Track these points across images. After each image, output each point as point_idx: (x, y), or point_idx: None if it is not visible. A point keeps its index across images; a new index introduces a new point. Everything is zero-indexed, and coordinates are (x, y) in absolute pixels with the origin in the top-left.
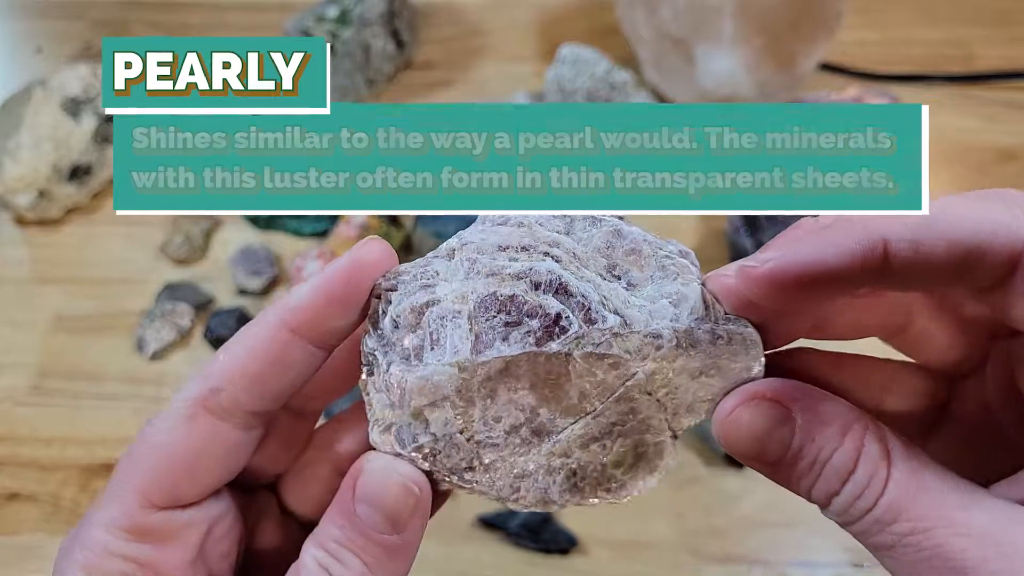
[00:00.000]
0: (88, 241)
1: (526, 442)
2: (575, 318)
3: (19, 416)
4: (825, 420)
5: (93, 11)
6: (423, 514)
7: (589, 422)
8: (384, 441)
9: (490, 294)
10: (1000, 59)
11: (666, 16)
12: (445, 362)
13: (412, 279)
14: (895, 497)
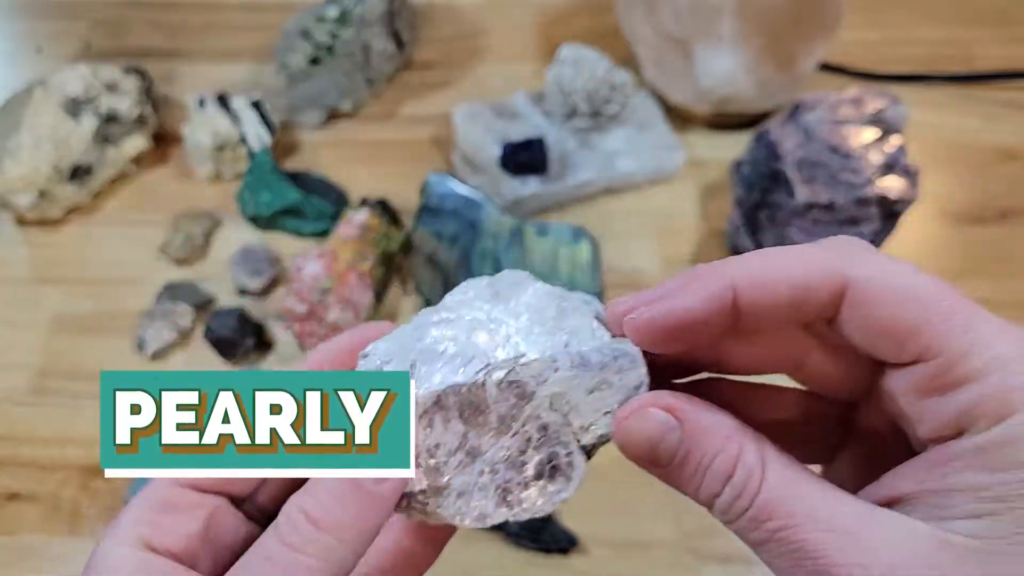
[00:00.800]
0: (88, 241)
1: (461, 464)
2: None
3: (19, 416)
4: (708, 428)
5: (93, 11)
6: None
7: (508, 441)
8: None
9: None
10: (1000, 59)
11: (666, 16)
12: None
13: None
14: (768, 498)
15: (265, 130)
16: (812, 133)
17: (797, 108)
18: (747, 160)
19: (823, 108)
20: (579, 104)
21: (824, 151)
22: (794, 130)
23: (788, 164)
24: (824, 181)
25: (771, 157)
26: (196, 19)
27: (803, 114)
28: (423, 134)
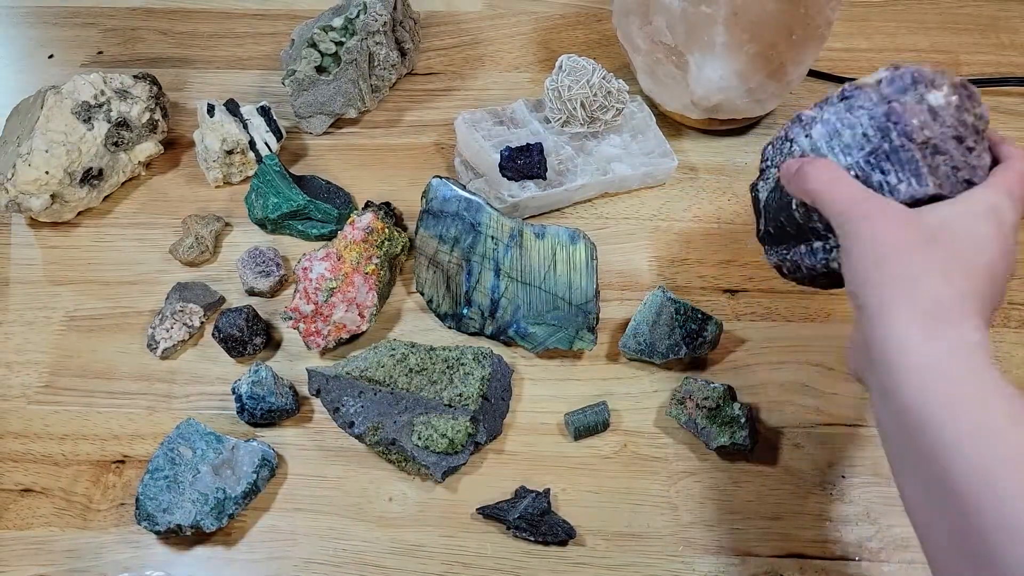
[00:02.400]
0: (100, 243)
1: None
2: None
3: (32, 413)
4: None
5: (105, 19)
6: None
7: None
8: None
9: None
10: (986, 65)
11: (660, 25)
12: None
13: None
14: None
15: (272, 136)
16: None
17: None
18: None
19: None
20: (576, 111)
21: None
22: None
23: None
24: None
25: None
26: (205, 28)
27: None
28: (425, 140)
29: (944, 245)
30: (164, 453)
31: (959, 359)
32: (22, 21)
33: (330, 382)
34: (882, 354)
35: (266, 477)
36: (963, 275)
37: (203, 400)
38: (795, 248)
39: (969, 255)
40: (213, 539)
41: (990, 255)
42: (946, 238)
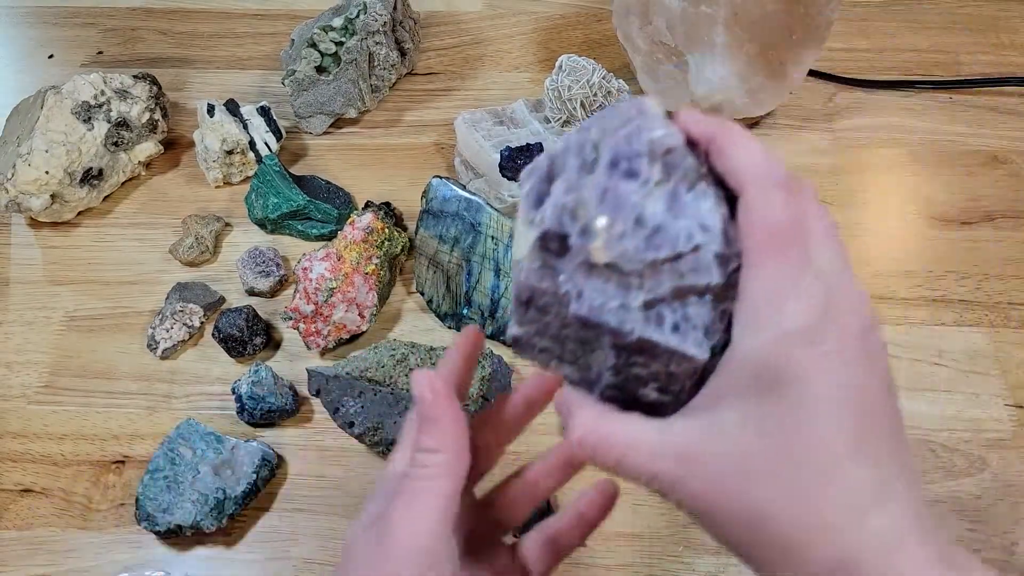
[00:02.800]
0: (100, 243)
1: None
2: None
3: (32, 413)
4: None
5: (105, 19)
6: (447, 398)
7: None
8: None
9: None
10: (986, 65)
11: (660, 25)
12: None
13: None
14: (582, 421)
15: (272, 136)
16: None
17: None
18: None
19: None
20: (576, 111)
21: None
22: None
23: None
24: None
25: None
26: (205, 28)
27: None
28: (425, 140)
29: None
30: (164, 453)
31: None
32: (22, 21)
33: (330, 382)
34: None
35: (266, 477)
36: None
37: (203, 400)
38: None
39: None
40: (213, 539)
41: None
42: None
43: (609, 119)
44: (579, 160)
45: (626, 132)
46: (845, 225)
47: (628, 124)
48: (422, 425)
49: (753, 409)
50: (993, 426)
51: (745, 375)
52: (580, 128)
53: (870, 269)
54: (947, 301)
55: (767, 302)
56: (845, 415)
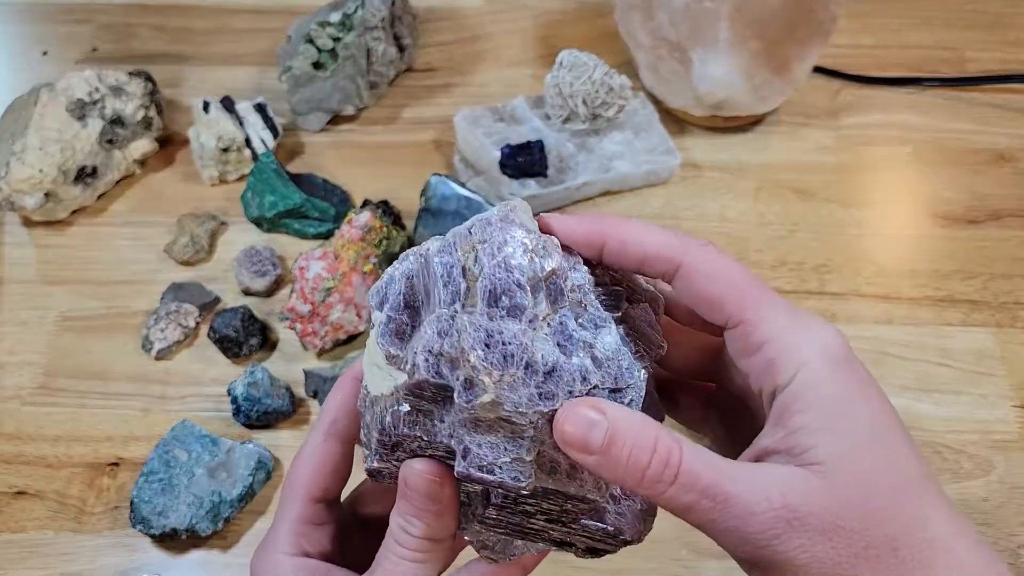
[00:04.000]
0: (94, 242)
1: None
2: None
3: (26, 414)
4: (626, 417)
5: (99, 15)
6: (450, 486)
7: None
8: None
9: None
10: (992, 62)
11: (663, 21)
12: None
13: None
14: (689, 464)
15: (269, 133)
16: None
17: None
18: None
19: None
20: (577, 108)
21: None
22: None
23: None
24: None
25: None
26: (201, 24)
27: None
28: (424, 137)
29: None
30: (159, 455)
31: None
32: (16, 17)
33: (327, 383)
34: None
35: (262, 480)
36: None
37: (198, 401)
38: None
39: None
40: (209, 543)
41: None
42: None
43: (477, 235)
44: (448, 291)
45: (501, 258)
46: (849, 223)
47: (500, 245)
48: (420, 512)
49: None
50: (1000, 427)
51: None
52: (440, 247)
53: (875, 268)
54: (953, 301)
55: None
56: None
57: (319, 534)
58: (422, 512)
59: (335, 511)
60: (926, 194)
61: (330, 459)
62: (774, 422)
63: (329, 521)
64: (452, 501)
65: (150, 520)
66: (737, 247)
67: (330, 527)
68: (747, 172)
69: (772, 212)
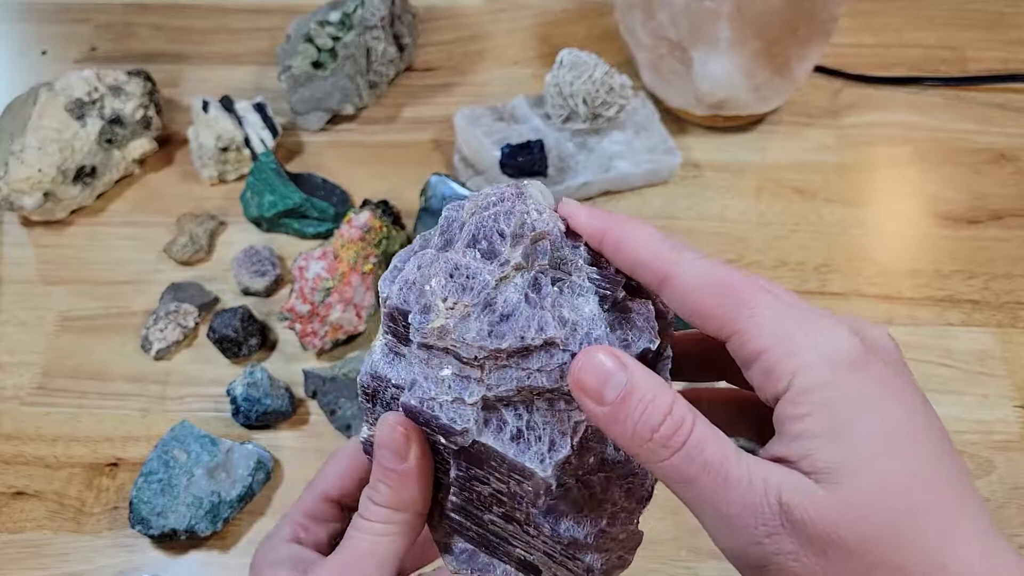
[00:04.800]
0: (93, 242)
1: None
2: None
3: (25, 415)
4: (647, 375)
5: (98, 15)
6: (419, 445)
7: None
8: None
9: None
10: (994, 61)
11: (663, 20)
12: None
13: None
14: (701, 435)
15: (268, 133)
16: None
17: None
18: None
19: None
20: (578, 107)
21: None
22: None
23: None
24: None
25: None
26: (200, 23)
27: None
28: (424, 136)
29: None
30: (158, 456)
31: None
32: (15, 16)
33: (327, 384)
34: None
35: (261, 480)
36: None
37: (197, 402)
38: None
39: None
40: (208, 543)
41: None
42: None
43: (486, 197)
44: (443, 238)
45: (495, 211)
46: (850, 223)
47: (501, 203)
48: (385, 473)
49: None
50: (1001, 427)
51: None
52: (454, 203)
53: (876, 268)
54: (954, 301)
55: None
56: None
57: (319, 529)
58: (387, 473)
59: (349, 515)
60: (927, 194)
61: (360, 467)
62: (777, 428)
63: (336, 520)
64: (420, 466)
65: (149, 520)
66: (737, 247)
67: (334, 525)
68: (748, 172)
69: (773, 212)
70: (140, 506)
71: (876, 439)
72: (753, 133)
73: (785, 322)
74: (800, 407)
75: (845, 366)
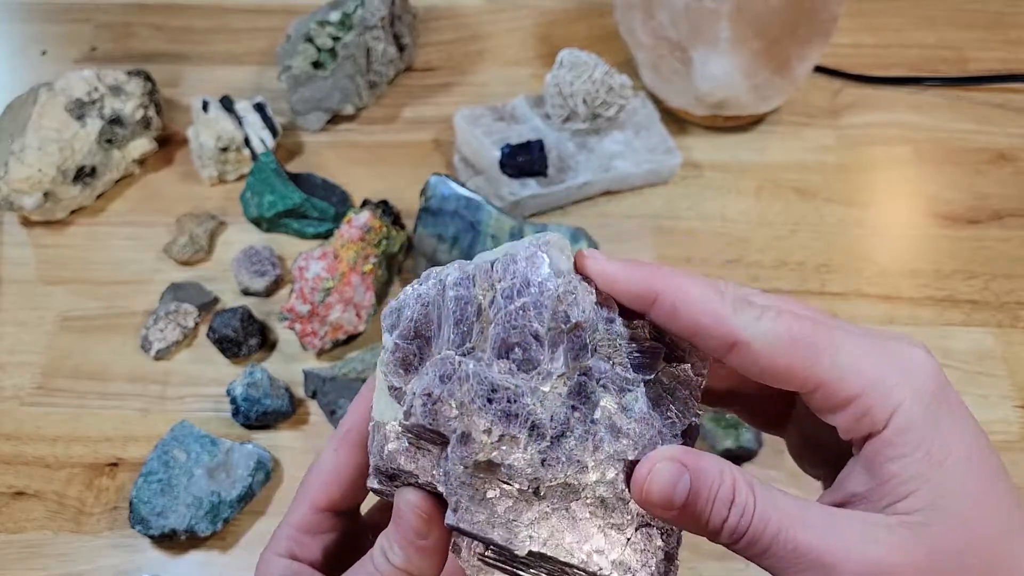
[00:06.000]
0: (93, 242)
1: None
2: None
3: (25, 415)
4: (706, 468)
5: (98, 14)
6: (439, 527)
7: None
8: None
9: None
10: (994, 61)
11: (663, 20)
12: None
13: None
14: (764, 514)
15: (268, 133)
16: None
17: None
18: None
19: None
20: (578, 107)
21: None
22: None
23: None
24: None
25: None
26: (200, 23)
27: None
28: (424, 136)
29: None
30: (158, 456)
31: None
32: (15, 16)
33: (327, 384)
34: None
35: (261, 480)
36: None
37: (197, 402)
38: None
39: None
40: (208, 543)
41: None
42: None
43: (499, 272)
44: (459, 331)
45: (522, 304)
46: (850, 223)
47: (522, 287)
48: (406, 541)
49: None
50: (1001, 427)
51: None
52: (458, 279)
53: (876, 268)
54: (954, 301)
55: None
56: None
57: (313, 542)
58: (407, 544)
59: (342, 521)
60: (927, 194)
61: (343, 470)
62: (864, 467)
63: (331, 530)
64: (440, 542)
65: (149, 521)
66: (737, 247)
67: (330, 536)
68: (748, 172)
69: (773, 212)
70: (140, 506)
71: (963, 475)
72: (753, 133)
73: (867, 359)
74: (898, 448)
75: (934, 401)
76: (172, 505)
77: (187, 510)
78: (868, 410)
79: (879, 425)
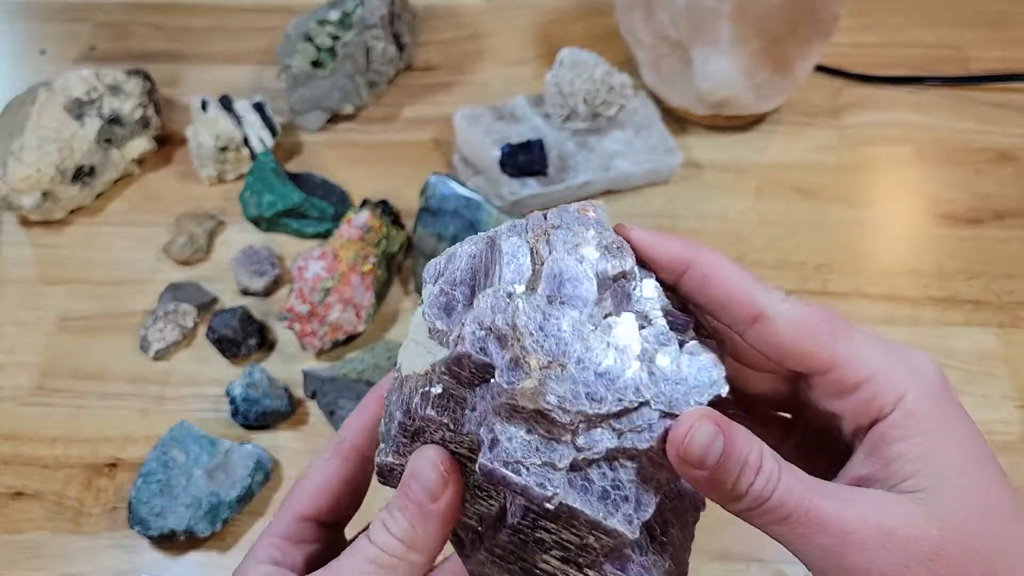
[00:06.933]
0: (92, 242)
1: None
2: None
3: (23, 415)
4: (740, 434)
5: (97, 14)
6: (454, 491)
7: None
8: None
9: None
10: (995, 61)
11: (664, 19)
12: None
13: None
14: (788, 483)
15: (267, 132)
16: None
17: None
18: None
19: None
20: (578, 106)
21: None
22: None
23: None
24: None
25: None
26: (199, 22)
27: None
28: (424, 136)
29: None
30: (157, 456)
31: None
32: (14, 16)
33: (326, 384)
34: None
35: (260, 481)
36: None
37: (196, 402)
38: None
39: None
40: (207, 544)
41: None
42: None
43: (552, 219)
44: (511, 270)
45: (573, 245)
46: (851, 223)
47: (576, 233)
48: (409, 505)
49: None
50: (1002, 428)
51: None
52: (510, 228)
53: (877, 268)
54: (955, 301)
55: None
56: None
57: (297, 551)
58: (411, 506)
59: (327, 533)
60: (928, 194)
61: (332, 479)
62: (868, 451)
63: (315, 541)
64: (448, 510)
65: (148, 521)
66: (738, 247)
67: (314, 547)
68: (748, 171)
69: (773, 211)
70: (139, 507)
71: (966, 457)
72: (754, 132)
73: (879, 352)
74: (903, 430)
75: (941, 396)
76: (171, 506)
77: (186, 511)
78: (877, 394)
79: (886, 409)
